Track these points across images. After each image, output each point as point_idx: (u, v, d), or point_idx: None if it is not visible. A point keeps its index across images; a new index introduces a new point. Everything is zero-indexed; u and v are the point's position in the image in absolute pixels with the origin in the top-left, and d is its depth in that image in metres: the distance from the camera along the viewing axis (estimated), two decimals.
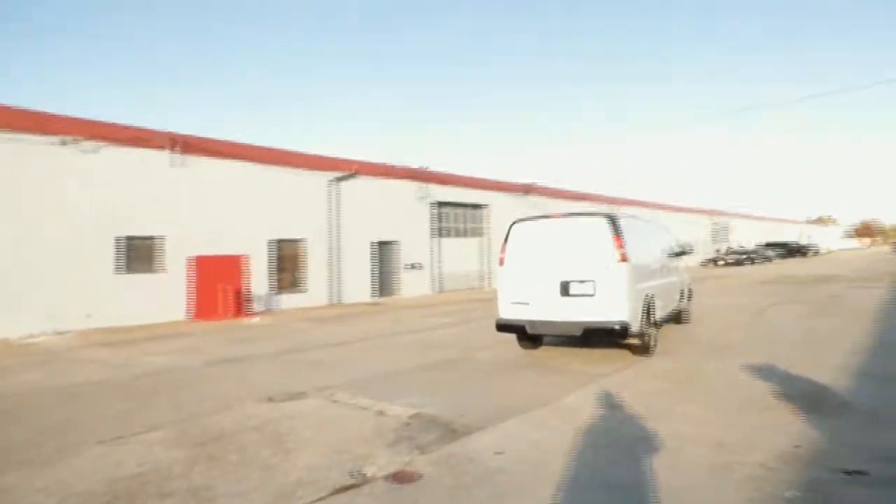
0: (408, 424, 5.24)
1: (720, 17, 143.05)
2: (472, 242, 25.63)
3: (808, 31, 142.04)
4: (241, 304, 15.30)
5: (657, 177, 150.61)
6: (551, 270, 7.91)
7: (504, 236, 8.67)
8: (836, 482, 3.67)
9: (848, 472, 3.80)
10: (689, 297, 11.79)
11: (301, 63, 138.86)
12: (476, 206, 25.79)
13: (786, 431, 4.65)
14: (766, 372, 6.79)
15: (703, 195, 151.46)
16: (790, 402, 5.46)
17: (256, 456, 4.51)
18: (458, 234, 24.94)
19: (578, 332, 7.63)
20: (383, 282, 20.84)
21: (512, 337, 9.09)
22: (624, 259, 7.56)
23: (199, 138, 15.74)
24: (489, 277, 25.92)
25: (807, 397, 5.61)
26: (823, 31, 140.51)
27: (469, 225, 25.62)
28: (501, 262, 8.57)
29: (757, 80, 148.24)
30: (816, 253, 53.92)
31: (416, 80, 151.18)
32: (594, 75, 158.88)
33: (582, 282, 7.70)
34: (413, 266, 21.75)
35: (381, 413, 5.63)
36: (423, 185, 22.50)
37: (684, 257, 11.79)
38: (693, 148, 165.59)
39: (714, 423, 4.96)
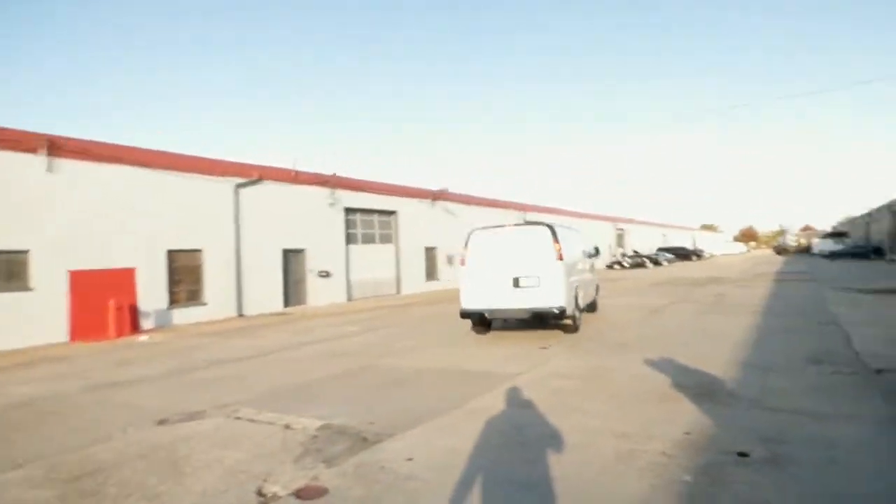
0: (315, 437, 5.01)
1: (612, 31, 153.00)
2: (383, 249, 25.39)
3: (693, 47, 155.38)
4: (128, 321, 14.06)
5: (565, 183, 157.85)
6: (504, 268, 10.02)
7: (464, 243, 10.84)
8: (726, 464, 3.92)
9: (738, 455, 4.07)
10: (597, 291, 14.22)
11: (200, 69, 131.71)
12: (386, 213, 25.61)
13: (682, 420, 4.92)
14: (663, 366, 7.18)
15: (606, 201, 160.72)
16: (685, 393, 5.80)
17: (141, 485, 4.08)
18: (369, 240, 24.60)
19: (527, 316, 9.86)
20: (291, 291, 20.05)
21: (423, 343, 9.79)
22: (561, 258, 9.84)
23: (78, 141, 14.29)
24: (402, 283, 25.77)
25: (699, 388, 5.98)
26: (708, 49, 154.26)
27: (380, 231, 25.37)
28: (462, 263, 10.62)
29: (653, 96, 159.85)
30: (704, 257, 58.70)
31: (322, 81, 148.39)
32: (502, 77, 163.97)
33: (529, 277, 9.85)
34: (322, 274, 21.13)
35: (287, 427, 5.34)
36: (333, 191, 21.99)
37: (595, 259, 14.13)
38: (596, 156, 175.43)
39: (618, 416, 5.15)
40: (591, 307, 13.16)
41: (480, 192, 33.47)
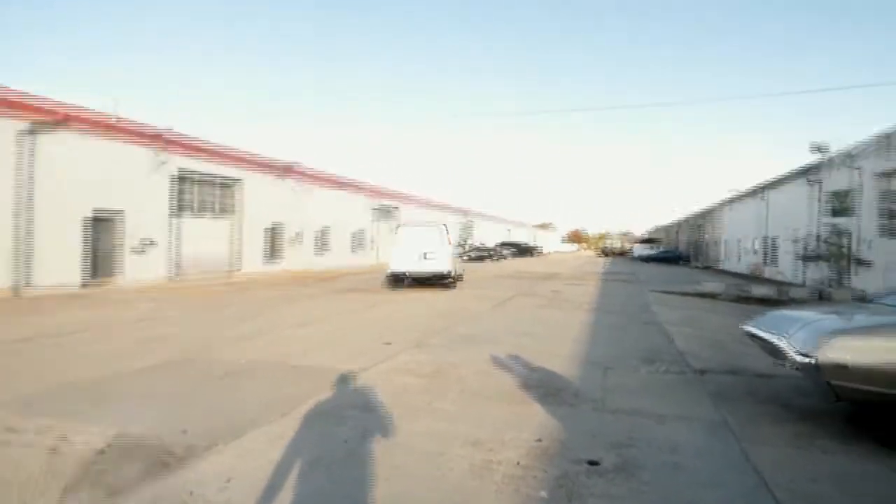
0: (102, 453, 3.93)
1: (476, 26, 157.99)
2: (222, 222, 23.00)
3: (538, 47, 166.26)
4: None
5: (416, 169, 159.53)
6: (417, 247, 17.22)
7: (394, 233, 18.75)
8: (579, 474, 3.72)
9: (589, 463, 3.91)
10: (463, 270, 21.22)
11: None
12: (227, 182, 23.21)
13: (532, 424, 4.71)
14: (509, 362, 7.08)
15: (454, 192, 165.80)
16: (533, 393, 5.66)
17: None
18: (205, 211, 22.08)
19: (429, 276, 17.15)
20: (100, 264, 17.13)
21: (261, 330, 8.81)
22: (449, 243, 17.65)
23: None
24: (241, 262, 23.60)
25: (545, 387, 5.90)
26: (554, 51, 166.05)
27: (220, 202, 22.91)
28: (394, 243, 17.85)
29: (503, 93, 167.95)
30: (541, 253, 63.17)
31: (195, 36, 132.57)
32: (360, 60, 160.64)
33: (431, 252, 17.09)
34: (142, 245, 18.38)
35: (63, 439, 4.15)
36: (161, 150, 19.21)
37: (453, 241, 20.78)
38: (448, 145, 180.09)
39: (469, 419, 4.81)
40: (460, 277, 19.78)
41: (331, 170, 31.95)
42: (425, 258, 17.02)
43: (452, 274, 17.54)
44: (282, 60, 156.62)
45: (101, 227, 17.13)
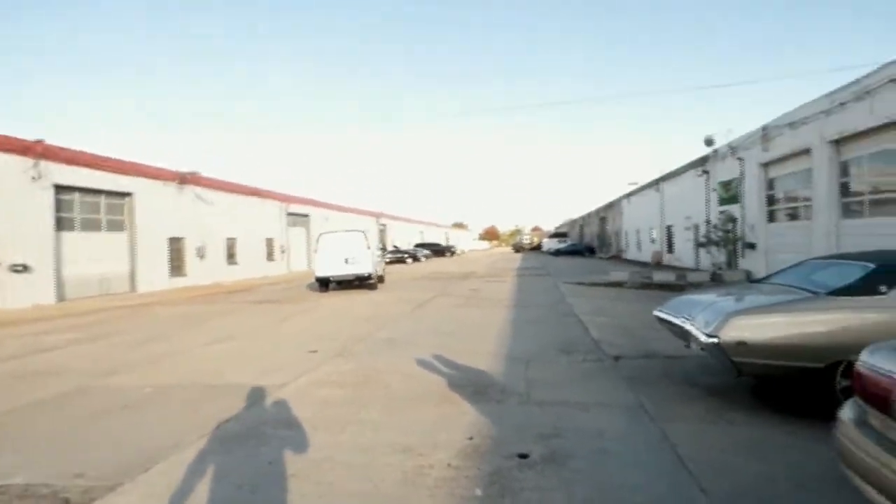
0: None
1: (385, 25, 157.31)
2: (112, 238, 21.25)
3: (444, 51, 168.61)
4: None
5: (325, 175, 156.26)
6: (340, 253, 18.38)
7: (316, 242, 19.83)
8: (511, 469, 3.74)
9: (520, 457, 3.94)
10: (384, 269, 23.59)
11: None
12: (118, 194, 21.48)
13: (462, 424, 4.70)
14: (434, 363, 7.05)
15: (367, 196, 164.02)
16: (460, 393, 5.66)
17: None
18: (91, 227, 20.30)
19: (352, 278, 18.40)
20: None
21: (164, 352, 8.19)
22: (369, 247, 18.79)
23: None
24: (139, 280, 21.92)
25: (472, 385, 5.92)
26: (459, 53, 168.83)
27: (108, 217, 21.14)
28: (316, 252, 18.95)
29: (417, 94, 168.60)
30: (456, 253, 63.91)
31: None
32: (260, 63, 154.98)
33: (353, 257, 18.35)
34: (17, 268, 16.55)
35: None
36: (37, 161, 17.44)
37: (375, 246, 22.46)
38: (359, 148, 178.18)
39: (398, 426, 4.71)
40: (381, 279, 21.32)
41: (236, 179, 30.53)
42: (347, 262, 18.38)
43: (374, 275, 19.09)
44: (179, 66, 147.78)
45: None
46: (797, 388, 4.68)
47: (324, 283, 18.64)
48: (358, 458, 4.01)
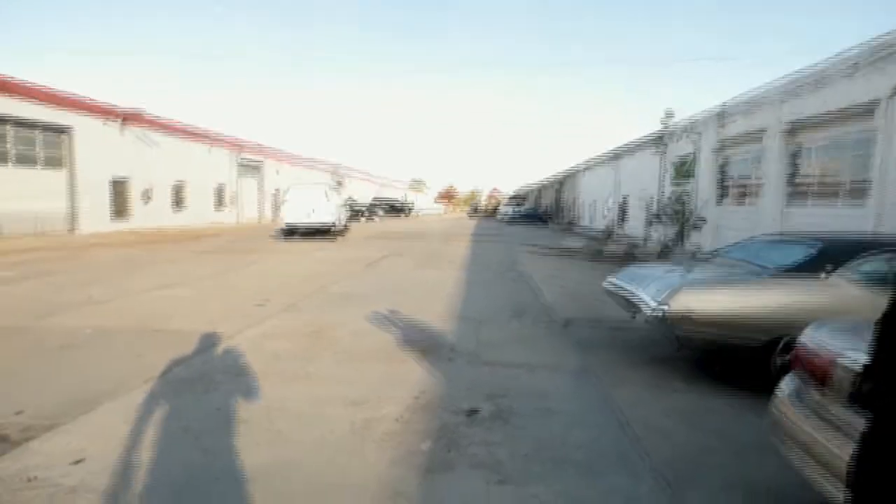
0: None
1: None
2: (50, 175, 20.02)
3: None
4: None
5: (282, 123, 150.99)
6: (305, 204, 20.54)
7: (284, 194, 22.19)
8: (459, 425, 3.83)
9: (468, 414, 4.03)
10: (348, 221, 26.86)
11: None
12: (56, 129, 20.13)
13: (411, 380, 4.76)
14: (385, 321, 7.06)
15: (322, 147, 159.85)
16: (410, 350, 5.71)
17: None
18: (25, 162, 19.03)
19: (316, 228, 20.51)
20: None
21: (108, 294, 8.04)
22: (329, 200, 21.13)
23: None
24: (79, 220, 20.84)
25: (423, 343, 5.98)
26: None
27: (45, 152, 19.85)
28: (285, 203, 21.03)
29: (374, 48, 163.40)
30: (413, 212, 63.52)
31: None
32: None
33: (316, 208, 20.53)
34: None
35: None
36: None
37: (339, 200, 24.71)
38: (320, 99, 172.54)
39: (347, 380, 4.73)
40: (345, 231, 24.04)
41: (186, 121, 29.05)
42: (311, 214, 20.72)
43: (335, 227, 21.54)
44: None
45: None
46: (736, 362, 4.93)
47: (290, 232, 20.91)
48: (307, 409, 4.02)
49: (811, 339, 2.81)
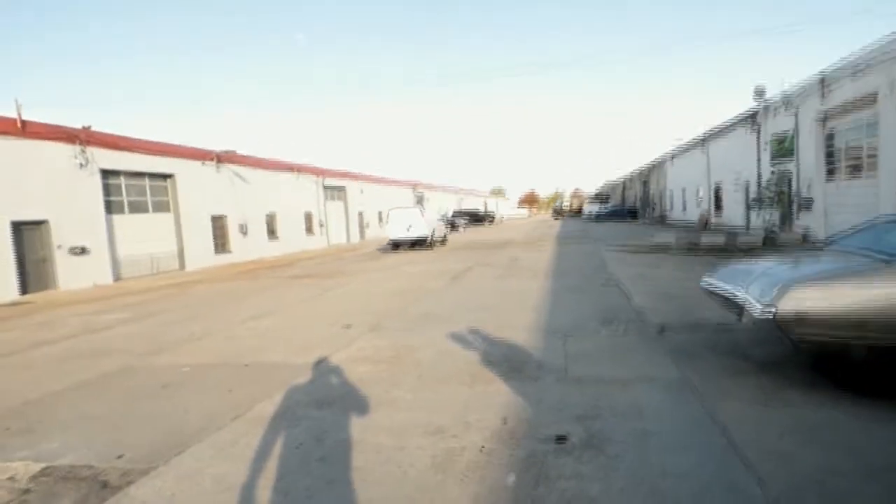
0: (27, 492, 3.52)
1: None
2: (159, 219, 21.87)
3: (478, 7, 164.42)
4: None
5: (362, 147, 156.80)
6: (403, 222, 24.88)
7: (384, 216, 32.36)
8: (547, 454, 3.57)
9: (557, 440, 3.76)
10: (446, 235, 30.01)
11: None
12: (160, 177, 22.00)
13: (496, 403, 4.54)
14: (470, 338, 6.90)
15: (401, 165, 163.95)
16: (495, 370, 5.49)
17: None
18: (138, 209, 20.90)
19: (414, 240, 24.74)
20: (30, 274, 16.05)
21: (206, 330, 8.37)
22: (424, 217, 25.40)
23: None
24: (186, 258, 22.59)
25: (508, 362, 5.74)
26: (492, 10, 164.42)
27: (153, 199, 21.73)
28: (387, 222, 25.59)
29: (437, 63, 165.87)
30: (495, 220, 63.29)
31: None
32: (287, 33, 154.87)
33: (412, 225, 24.77)
34: (75, 252, 17.30)
35: None
36: (84, 148, 17.97)
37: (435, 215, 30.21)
38: (394, 117, 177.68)
39: (430, 406, 4.60)
40: (444, 241, 28.50)
41: (272, 155, 30.80)
42: (409, 229, 24.82)
43: (429, 240, 25.32)
44: (202, 50, 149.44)
45: (27, 234, 15.98)
46: (862, 366, 4.28)
47: (395, 245, 25.43)
48: (388, 441, 3.92)
49: None
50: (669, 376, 5.00)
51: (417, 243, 25.06)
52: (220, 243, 25.12)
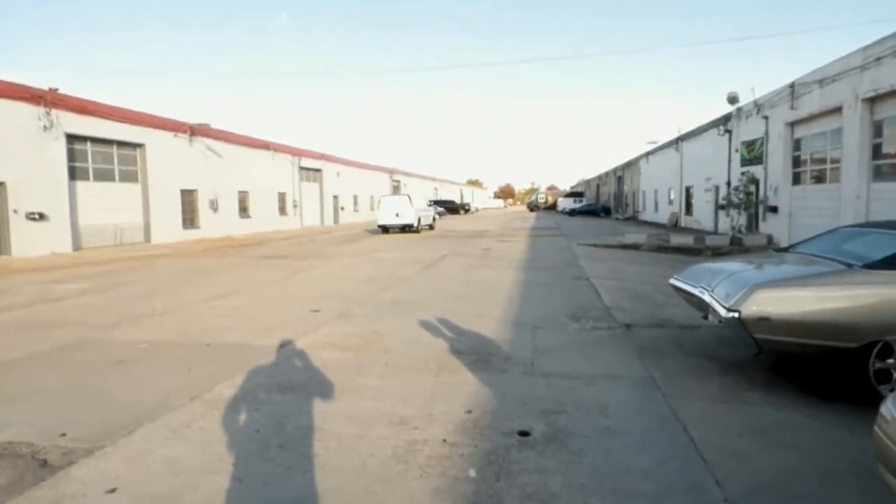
0: None
1: None
2: (126, 189, 21.17)
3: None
4: None
5: (339, 129, 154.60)
6: (392, 209, 27.11)
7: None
8: (510, 448, 3.53)
9: (520, 434, 3.73)
10: (434, 219, 32.70)
11: None
12: (129, 145, 21.27)
13: (462, 394, 4.49)
14: (439, 328, 6.84)
15: (379, 151, 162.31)
16: (463, 360, 5.45)
17: None
18: (104, 177, 20.19)
19: (401, 226, 27.12)
20: None
21: (169, 306, 8.23)
22: (411, 205, 27.36)
23: None
24: (152, 231, 21.95)
25: (476, 353, 5.70)
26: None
27: (120, 167, 21.00)
28: (379, 207, 27.95)
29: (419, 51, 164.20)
30: (470, 211, 63.29)
31: None
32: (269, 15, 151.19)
33: (400, 212, 26.98)
34: (32, 216, 16.57)
35: None
36: (49, 110, 17.22)
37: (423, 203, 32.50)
38: (373, 104, 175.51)
39: (395, 395, 4.52)
40: (432, 227, 30.91)
41: (249, 132, 30.10)
42: (397, 216, 26.87)
43: (416, 226, 27.44)
44: (186, 19, 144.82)
45: None
46: (822, 369, 4.37)
47: (385, 230, 27.41)
48: (350, 429, 3.83)
49: None
50: (635, 374, 5.02)
51: (405, 228, 27.16)
52: (189, 218, 24.51)
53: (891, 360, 4.08)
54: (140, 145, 21.62)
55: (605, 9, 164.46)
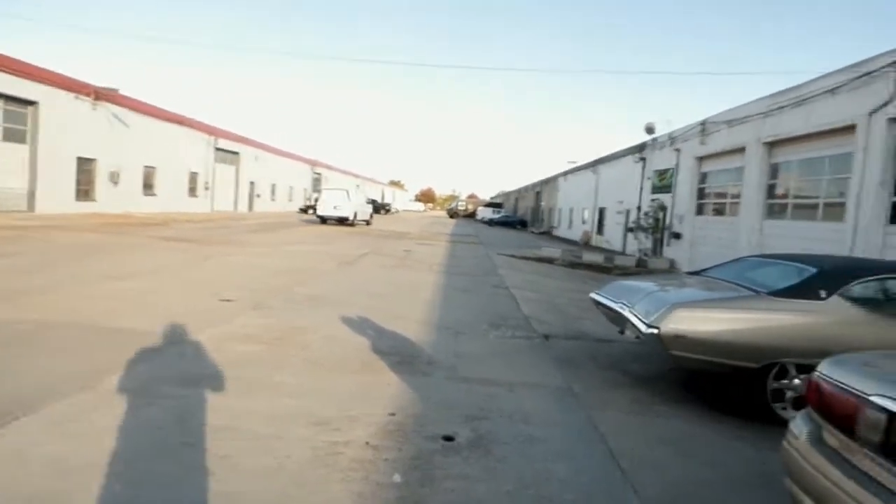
0: None
1: None
2: (10, 149, 18.99)
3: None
4: None
5: (259, 114, 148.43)
6: (332, 201, 28.82)
7: (319, 194, 35.37)
8: (434, 453, 3.45)
9: (444, 439, 3.66)
10: (371, 217, 34.09)
11: None
12: (19, 101, 19.11)
13: (384, 396, 4.36)
14: (360, 326, 6.65)
15: (301, 141, 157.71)
16: (385, 360, 5.31)
17: None
18: None
19: (338, 219, 28.58)
20: None
21: (59, 283, 7.47)
22: (349, 199, 29.21)
23: None
24: (38, 200, 19.82)
25: (398, 354, 5.58)
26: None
27: (6, 125, 18.81)
28: (320, 198, 30.10)
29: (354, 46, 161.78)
30: (391, 211, 62.88)
31: None
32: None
33: (338, 204, 28.65)
34: None
35: None
36: None
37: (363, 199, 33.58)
38: (298, 91, 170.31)
39: (315, 393, 4.31)
40: (368, 222, 32.26)
41: (163, 105, 28.11)
42: (335, 209, 28.29)
43: (351, 219, 28.87)
44: None
45: None
46: (727, 386, 4.67)
47: (323, 220, 28.78)
48: (265, 429, 3.58)
49: (832, 376, 2.48)
50: (554, 383, 5.12)
51: (342, 221, 28.74)
52: (84, 190, 22.44)
53: (785, 381, 4.44)
54: (33, 103, 19.50)
55: (544, 28, 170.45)
